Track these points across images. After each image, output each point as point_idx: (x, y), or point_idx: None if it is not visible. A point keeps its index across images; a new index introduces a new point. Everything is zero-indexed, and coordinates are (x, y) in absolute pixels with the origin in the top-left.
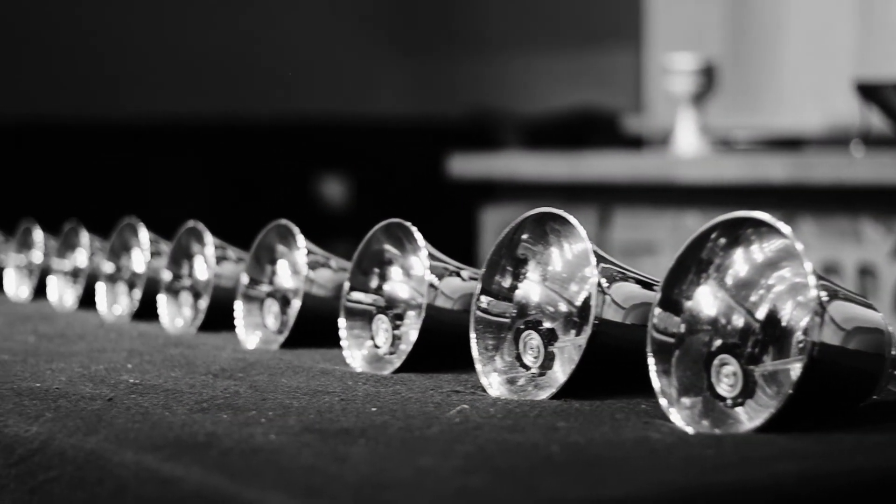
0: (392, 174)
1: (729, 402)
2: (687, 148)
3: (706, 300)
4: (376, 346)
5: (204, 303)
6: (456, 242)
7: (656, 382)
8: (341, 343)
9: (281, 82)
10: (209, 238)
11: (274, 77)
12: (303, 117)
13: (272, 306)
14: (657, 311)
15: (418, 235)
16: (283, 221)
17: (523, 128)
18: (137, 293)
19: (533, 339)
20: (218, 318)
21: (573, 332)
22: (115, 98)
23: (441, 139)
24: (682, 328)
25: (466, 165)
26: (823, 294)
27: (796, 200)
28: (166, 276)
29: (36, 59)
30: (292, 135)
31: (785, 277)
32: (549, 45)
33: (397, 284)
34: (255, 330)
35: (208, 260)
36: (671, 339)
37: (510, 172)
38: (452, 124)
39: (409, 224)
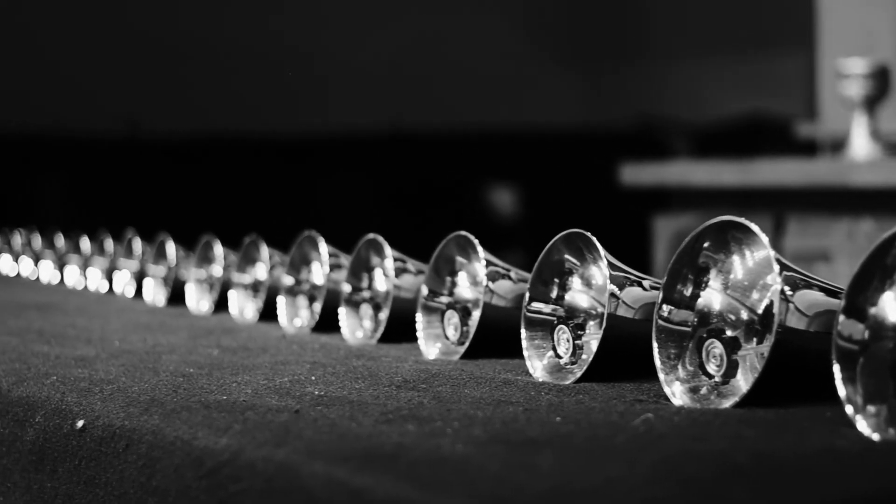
0: (562, 184)
1: None
2: (861, 153)
3: (891, 306)
4: (557, 356)
5: (384, 314)
6: (628, 251)
7: (841, 390)
8: (523, 353)
9: (449, 94)
10: (389, 250)
11: (442, 89)
12: (473, 128)
13: (452, 317)
14: (841, 318)
15: (599, 245)
16: (463, 233)
17: (693, 136)
18: (318, 306)
19: (716, 347)
20: (398, 329)
21: (755, 340)
22: (286, 113)
23: (611, 148)
24: (867, 335)
25: (638, 174)
26: None
27: None
28: (346, 288)
29: (210, 77)
30: (462, 146)
31: None
32: (719, 52)
33: (577, 294)
34: (435, 341)
35: (388, 272)
36: (856, 347)
37: (682, 180)
38: (622, 133)
39: (589, 234)
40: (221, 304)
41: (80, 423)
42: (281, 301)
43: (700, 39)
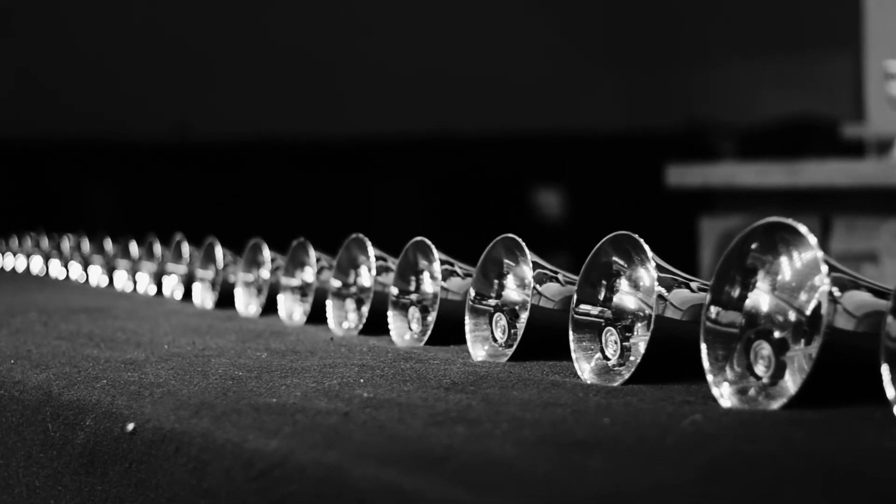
0: (607, 186)
1: None
2: None
3: None
4: (605, 358)
5: (432, 317)
6: (674, 253)
7: (890, 391)
8: (571, 355)
9: (496, 98)
10: (436, 253)
11: (489, 93)
12: (519, 131)
13: (500, 319)
14: (889, 318)
15: (646, 247)
16: (510, 235)
17: (739, 137)
18: (366, 308)
19: (764, 348)
20: (446, 331)
21: (803, 341)
22: (335, 117)
23: (656, 150)
24: None
25: (684, 176)
26: None
27: None
28: (394, 291)
29: (259, 81)
30: (509, 149)
31: None
32: (764, 54)
33: (625, 296)
34: (483, 343)
35: (436, 274)
36: None
37: (728, 182)
38: (668, 135)
39: (636, 236)
40: (269, 308)
41: (130, 427)
42: (329, 304)
43: (746, 41)
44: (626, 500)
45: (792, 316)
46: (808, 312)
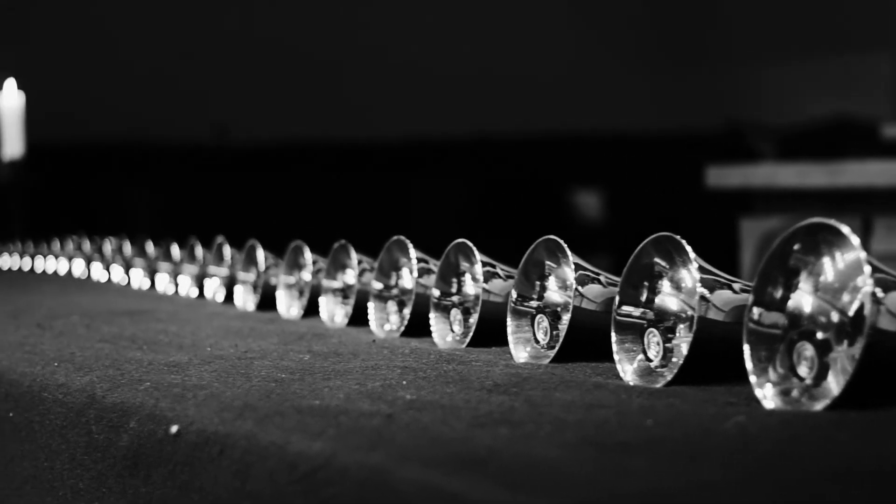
0: (646, 187)
1: None
2: None
3: None
4: (648, 360)
5: (474, 318)
6: (714, 254)
7: None
8: (613, 356)
9: (536, 98)
10: (478, 255)
11: (528, 94)
12: (557, 132)
13: (542, 321)
14: None
15: (688, 248)
16: (552, 237)
17: (779, 138)
18: (407, 310)
19: (807, 349)
20: (487, 333)
21: (846, 342)
22: (375, 119)
23: (695, 151)
24: None
25: (723, 177)
26: None
27: None
28: (435, 292)
29: (299, 83)
30: (547, 150)
31: None
32: (803, 55)
33: (667, 297)
34: (525, 345)
35: (477, 276)
36: None
37: (768, 183)
38: (707, 136)
39: (678, 237)
40: (311, 310)
41: (174, 429)
42: (371, 306)
43: (785, 42)
44: (670, 501)
45: (835, 317)
46: (851, 313)
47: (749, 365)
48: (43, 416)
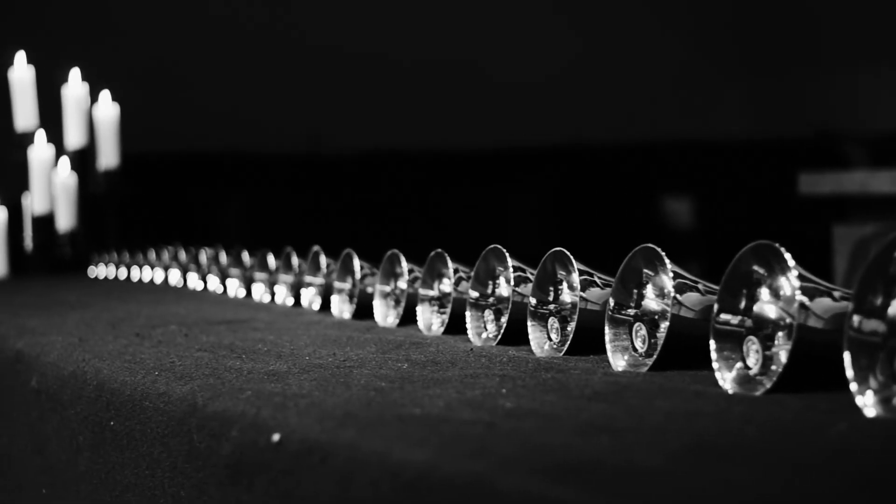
0: (736, 194)
1: None
2: None
3: None
4: (747, 368)
5: (571, 327)
6: (806, 261)
7: None
8: (712, 365)
9: (624, 106)
10: (575, 263)
11: (616, 102)
12: (648, 139)
13: (640, 329)
14: None
15: (787, 256)
16: (650, 245)
17: (870, 145)
18: (504, 319)
19: None
20: (584, 341)
21: None
22: (466, 127)
23: (786, 159)
24: None
25: (816, 183)
26: None
27: None
28: (532, 301)
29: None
30: (638, 157)
31: None
32: (894, 60)
33: (766, 305)
34: (623, 353)
35: (574, 284)
36: None
37: (862, 189)
38: (798, 143)
39: (777, 245)
40: (407, 318)
41: (276, 437)
42: (468, 314)
43: (878, 47)
44: None
45: None
46: None
47: (850, 373)
48: (144, 424)
